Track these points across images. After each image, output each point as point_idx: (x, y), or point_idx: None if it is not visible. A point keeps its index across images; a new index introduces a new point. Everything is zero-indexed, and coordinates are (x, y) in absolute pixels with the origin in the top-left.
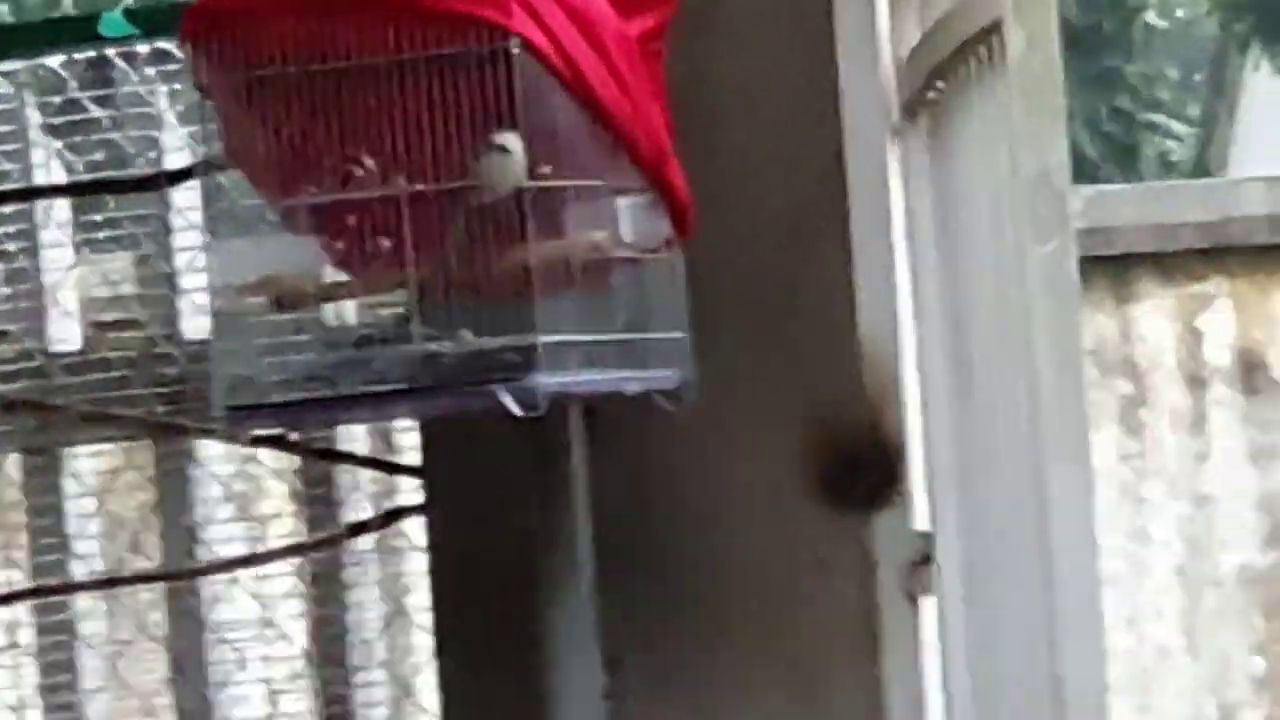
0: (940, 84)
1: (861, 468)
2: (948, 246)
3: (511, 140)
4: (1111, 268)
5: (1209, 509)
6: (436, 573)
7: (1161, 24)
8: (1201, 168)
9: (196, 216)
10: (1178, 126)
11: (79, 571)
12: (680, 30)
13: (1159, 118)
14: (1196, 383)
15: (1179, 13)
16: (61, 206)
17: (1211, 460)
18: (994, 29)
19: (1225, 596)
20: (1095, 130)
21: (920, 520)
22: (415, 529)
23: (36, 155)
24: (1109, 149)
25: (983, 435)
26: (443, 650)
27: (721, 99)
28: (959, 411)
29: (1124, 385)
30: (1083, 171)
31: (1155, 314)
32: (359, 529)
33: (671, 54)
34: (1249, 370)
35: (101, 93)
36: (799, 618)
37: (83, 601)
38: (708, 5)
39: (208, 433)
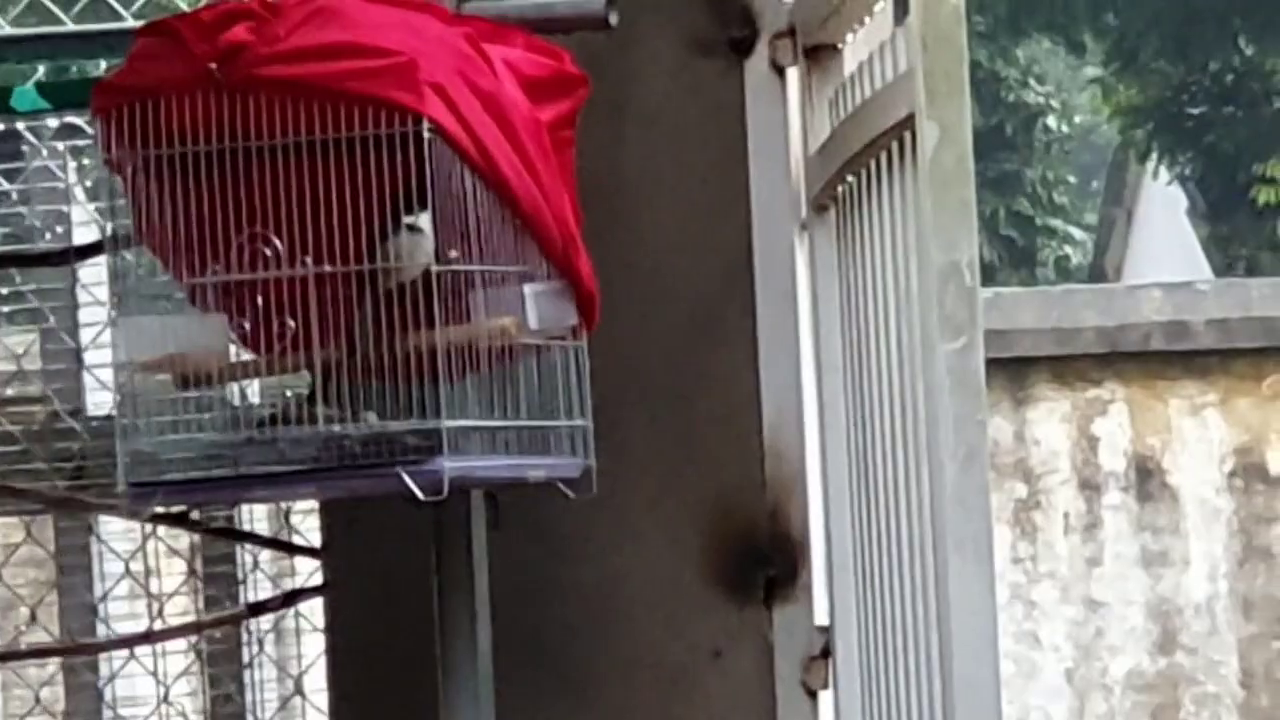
0: (850, 178)
1: (762, 560)
2: (853, 341)
3: (422, 221)
4: (1009, 370)
5: (1100, 614)
6: (334, 654)
7: (1062, 129)
8: (1098, 273)
9: (103, 292)
10: (1075, 231)
11: None
12: (592, 119)
13: (1057, 222)
14: (1090, 487)
15: (1079, 119)
16: None
17: (1104, 565)
18: (906, 123)
19: (1114, 701)
20: (994, 233)
21: (820, 614)
22: (314, 610)
23: None
24: (1007, 252)
25: (884, 530)
26: None
27: (632, 189)
28: (861, 506)
29: (1018, 488)
30: (980, 273)
31: (1051, 418)
32: (258, 609)
33: (583, 142)
34: (1143, 476)
35: (10, 166)
36: (697, 709)
37: None
38: (620, 95)
39: (109, 508)
